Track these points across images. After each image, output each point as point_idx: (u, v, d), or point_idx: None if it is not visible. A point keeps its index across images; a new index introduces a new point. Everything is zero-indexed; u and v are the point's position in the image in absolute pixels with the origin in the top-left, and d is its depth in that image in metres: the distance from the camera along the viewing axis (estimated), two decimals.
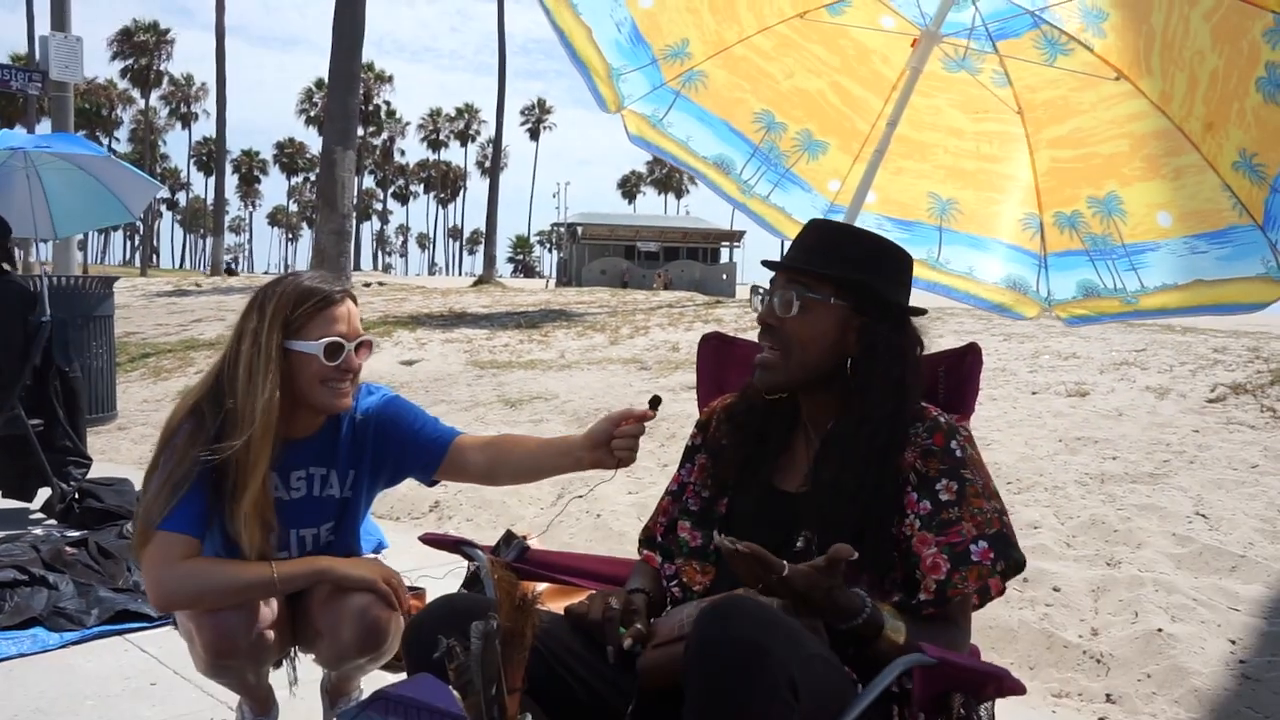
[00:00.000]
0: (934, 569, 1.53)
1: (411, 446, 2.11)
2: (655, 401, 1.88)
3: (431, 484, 2.20)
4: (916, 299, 1.79)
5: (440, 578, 2.88)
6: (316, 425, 2.06)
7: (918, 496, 1.58)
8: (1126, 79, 2.22)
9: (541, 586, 2.10)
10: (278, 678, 2.24)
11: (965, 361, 1.91)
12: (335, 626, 2.00)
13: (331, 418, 2.08)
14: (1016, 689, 1.45)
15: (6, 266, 4.67)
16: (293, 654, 2.29)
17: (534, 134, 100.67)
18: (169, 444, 1.94)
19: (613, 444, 1.92)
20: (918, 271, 2.58)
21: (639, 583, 1.81)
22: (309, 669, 2.38)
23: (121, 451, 6.81)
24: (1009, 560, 1.55)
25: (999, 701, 1.59)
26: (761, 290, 1.72)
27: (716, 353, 2.14)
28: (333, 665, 2.11)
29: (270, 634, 2.01)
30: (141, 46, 72.45)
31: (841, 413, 1.67)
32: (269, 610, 2.01)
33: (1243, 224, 2.11)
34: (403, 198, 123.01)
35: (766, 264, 1.74)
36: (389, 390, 2.20)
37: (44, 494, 4.80)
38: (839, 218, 2.54)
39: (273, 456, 1.95)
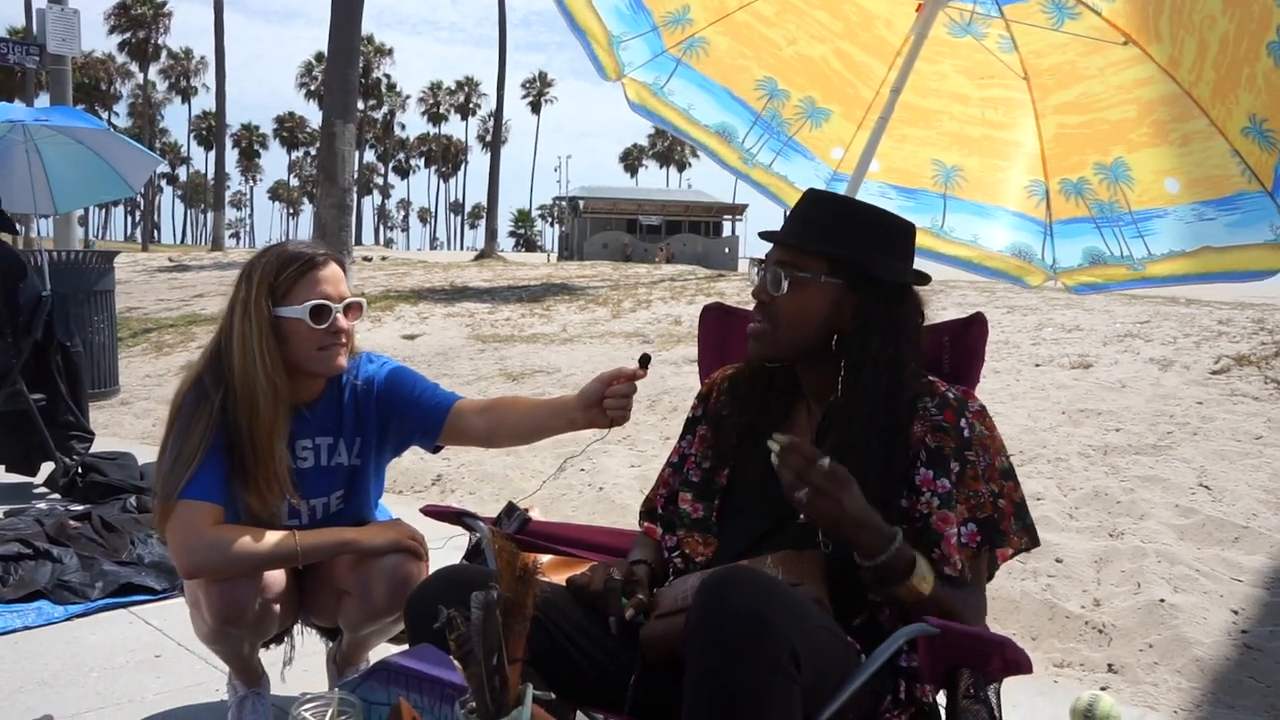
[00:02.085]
0: (956, 549, 1.53)
1: (414, 412, 2.11)
2: (645, 360, 1.87)
3: (435, 450, 2.21)
4: (920, 270, 1.77)
5: (440, 547, 2.88)
6: (317, 391, 2.08)
7: (934, 475, 1.56)
8: (1135, 44, 2.18)
9: (544, 558, 2.10)
10: (275, 654, 2.25)
11: (970, 332, 1.88)
12: (366, 586, 2.02)
13: (333, 386, 2.09)
14: (1024, 665, 1.44)
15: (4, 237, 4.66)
16: (295, 630, 2.30)
17: (535, 107, 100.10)
18: (177, 418, 1.95)
19: (605, 404, 1.91)
20: (921, 241, 2.56)
21: (641, 554, 1.80)
22: (307, 644, 2.39)
23: (124, 426, 6.81)
24: (993, 543, 1.55)
25: None
26: (761, 263, 1.70)
27: (718, 324, 2.13)
28: (360, 626, 2.11)
29: (276, 607, 2.03)
30: (139, 20, 71.93)
31: (841, 385, 1.65)
32: (277, 583, 2.02)
33: (1251, 190, 2.09)
34: (403, 172, 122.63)
35: (764, 235, 1.72)
36: (390, 359, 2.20)
37: (47, 468, 4.81)
38: (842, 186, 2.51)
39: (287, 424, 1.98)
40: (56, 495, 4.60)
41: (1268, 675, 2.75)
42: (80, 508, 4.07)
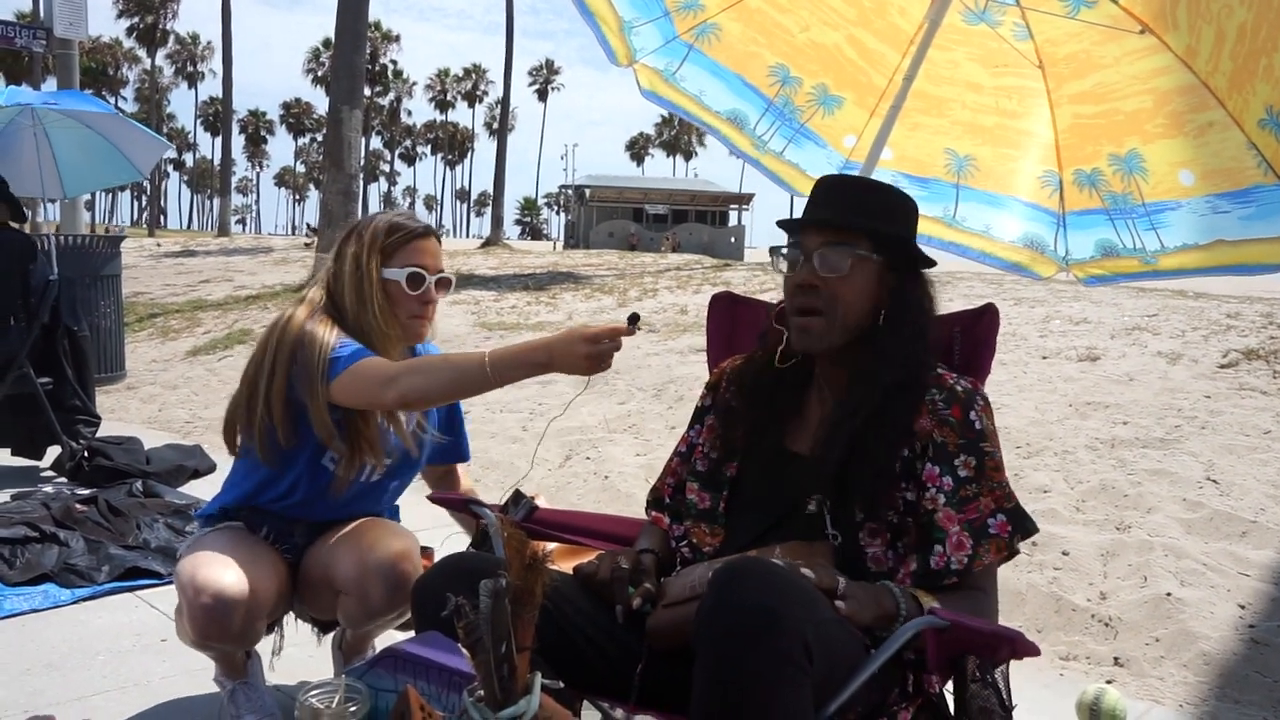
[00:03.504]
0: (959, 547, 1.52)
1: (451, 437, 2.29)
2: (634, 319, 1.78)
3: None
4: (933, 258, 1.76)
5: (441, 543, 2.87)
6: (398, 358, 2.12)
7: (939, 471, 1.55)
8: (1152, 32, 2.15)
9: (550, 546, 2.10)
10: (264, 642, 2.25)
11: (981, 322, 1.87)
12: (363, 585, 2.02)
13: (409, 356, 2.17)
14: (1030, 651, 1.44)
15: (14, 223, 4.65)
16: (285, 620, 2.30)
17: (542, 95, 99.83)
18: (303, 335, 1.95)
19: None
20: (934, 230, 2.55)
21: (648, 543, 1.80)
22: (297, 630, 2.39)
23: (130, 410, 6.83)
24: (1024, 531, 1.55)
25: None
26: (784, 251, 1.68)
27: (727, 313, 2.11)
28: (360, 625, 2.12)
29: (263, 624, 2.03)
30: (147, 5, 71.80)
31: (857, 371, 1.64)
32: (264, 600, 2.00)
33: (1267, 183, 2.06)
34: (410, 159, 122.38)
35: (783, 224, 1.69)
36: None
37: (54, 452, 4.82)
38: (854, 174, 2.49)
39: None
40: (63, 479, 4.61)
41: (1274, 670, 2.74)
42: (86, 491, 4.08)
